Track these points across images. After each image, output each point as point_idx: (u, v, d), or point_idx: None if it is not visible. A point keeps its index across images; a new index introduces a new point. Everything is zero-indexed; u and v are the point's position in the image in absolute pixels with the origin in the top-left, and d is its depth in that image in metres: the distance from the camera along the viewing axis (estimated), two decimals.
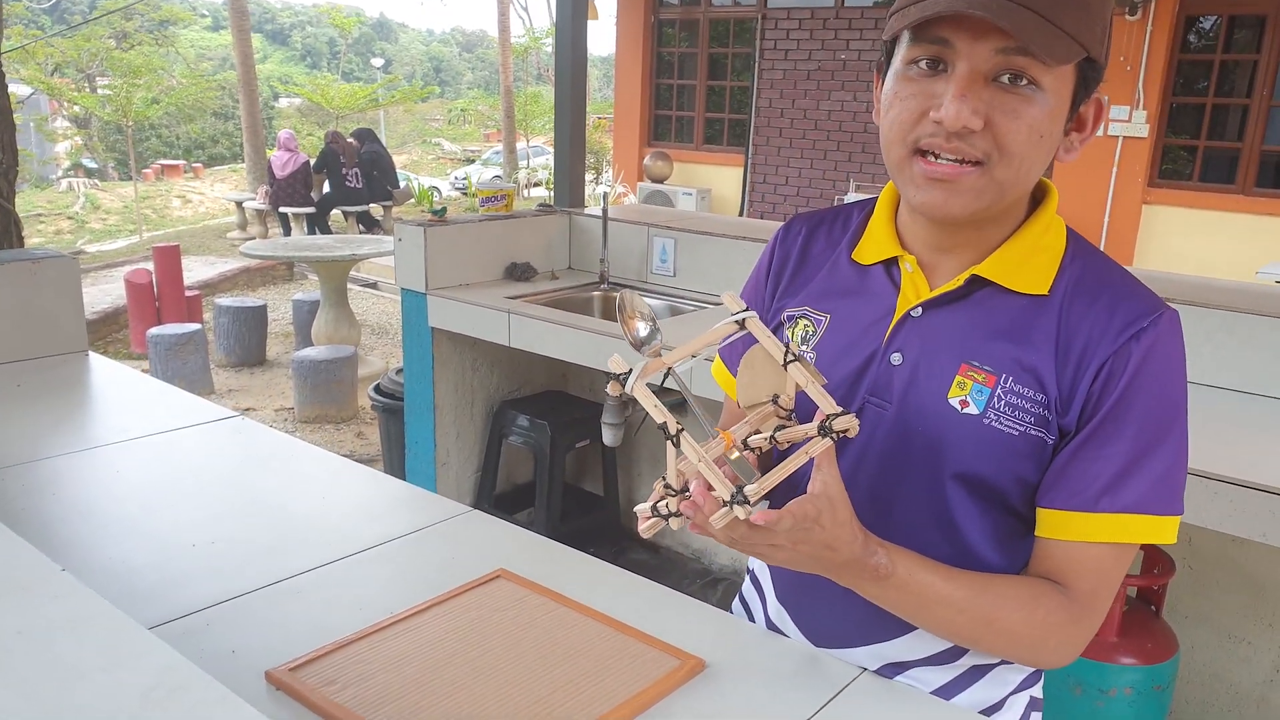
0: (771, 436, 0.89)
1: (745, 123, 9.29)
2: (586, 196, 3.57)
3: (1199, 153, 7.20)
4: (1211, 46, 7.11)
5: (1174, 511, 0.93)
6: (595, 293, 3.24)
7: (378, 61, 36.58)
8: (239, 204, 11.83)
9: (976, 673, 1.08)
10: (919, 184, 0.92)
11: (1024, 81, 0.87)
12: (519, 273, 3.19)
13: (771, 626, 1.19)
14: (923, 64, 0.90)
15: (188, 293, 6.61)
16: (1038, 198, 1.01)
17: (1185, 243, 7.19)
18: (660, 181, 9.64)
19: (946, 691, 1.08)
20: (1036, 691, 1.12)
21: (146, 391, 1.98)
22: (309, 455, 1.68)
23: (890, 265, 1.03)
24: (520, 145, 18.02)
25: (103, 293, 7.83)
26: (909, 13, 0.88)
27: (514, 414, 3.25)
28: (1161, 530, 0.93)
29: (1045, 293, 0.96)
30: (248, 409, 5.25)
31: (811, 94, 8.65)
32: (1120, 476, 0.92)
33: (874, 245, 1.05)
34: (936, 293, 0.99)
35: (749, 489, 0.81)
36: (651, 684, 1.02)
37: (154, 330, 5.34)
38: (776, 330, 1.11)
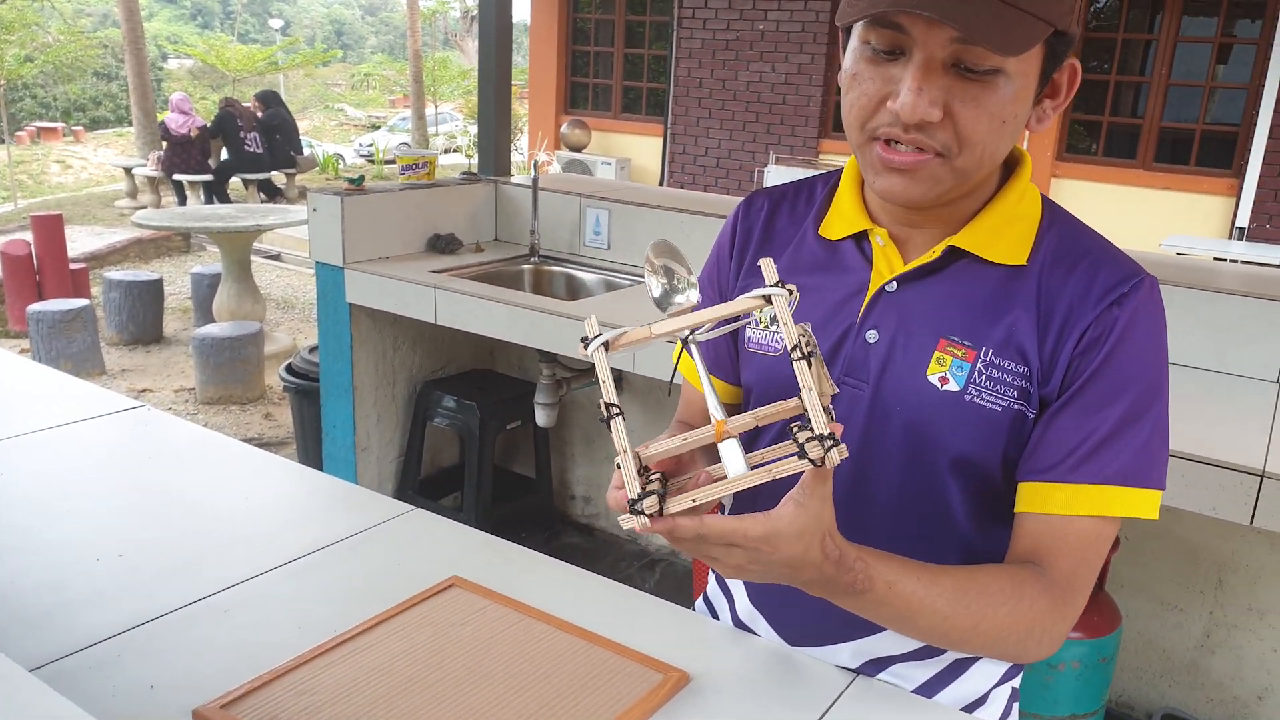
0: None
1: (664, 92, 9.17)
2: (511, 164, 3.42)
3: (1103, 129, 7.40)
4: (1113, 25, 7.29)
5: (1157, 485, 0.90)
6: (525, 266, 3.11)
7: (276, 23, 35.18)
8: (128, 170, 11.18)
9: (959, 667, 1.04)
10: (878, 170, 0.88)
11: (984, 69, 0.81)
12: (443, 245, 3.03)
13: (741, 627, 1.11)
14: (880, 50, 0.84)
15: (72, 265, 6.20)
16: (1010, 165, 0.96)
17: (1091, 216, 7.26)
18: (578, 150, 9.47)
19: (929, 689, 1.04)
20: (1017, 683, 1.09)
21: (33, 378, 1.78)
22: (227, 449, 1.53)
23: (860, 240, 0.99)
24: (429, 111, 17.54)
25: None
26: (858, 5, 0.82)
27: (439, 394, 3.10)
28: (1144, 504, 0.89)
29: (1024, 262, 0.92)
30: (144, 390, 4.95)
31: (730, 64, 8.58)
32: (1101, 446, 0.88)
33: (841, 219, 1.00)
34: (912, 266, 0.95)
35: (647, 502, 0.74)
36: (635, 702, 0.92)
37: (35, 306, 4.97)
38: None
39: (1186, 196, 7.06)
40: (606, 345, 0.79)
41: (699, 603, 1.25)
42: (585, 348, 0.79)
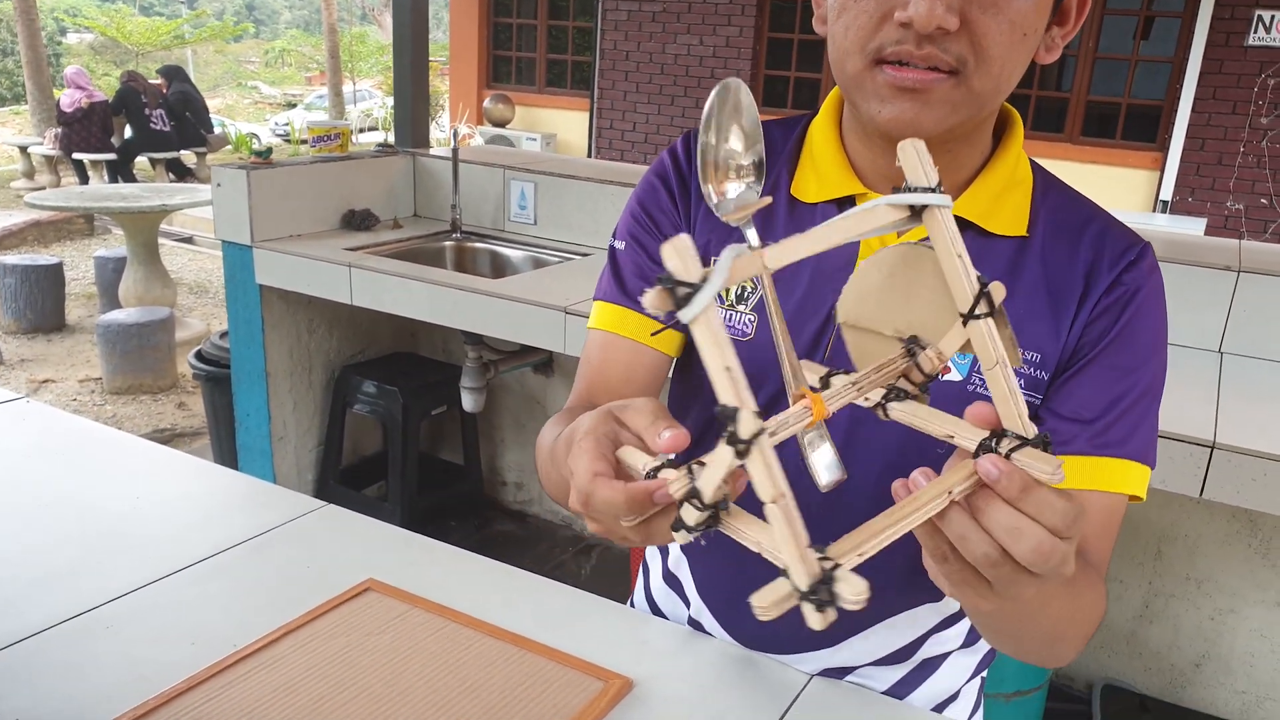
0: (881, 404, 0.59)
1: (589, 65, 9.01)
2: (430, 138, 3.27)
3: (1031, 102, 7.49)
4: None
5: (1154, 464, 0.84)
6: (447, 243, 2.97)
7: None
8: (23, 149, 10.58)
9: (929, 667, 0.96)
10: (884, 96, 0.77)
11: None
12: (358, 221, 2.88)
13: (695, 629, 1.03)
14: None
15: None
16: (1000, 128, 0.87)
17: None
18: (502, 125, 9.26)
19: (898, 690, 0.96)
20: (985, 673, 1.02)
21: None
22: (118, 444, 1.39)
23: (845, 205, 0.87)
24: (347, 88, 17.03)
25: None
26: None
27: (359, 380, 2.95)
28: (1144, 484, 0.83)
29: (1024, 234, 0.84)
30: (46, 381, 4.68)
31: (657, 37, 8.46)
32: (1125, 416, 0.81)
33: (820, 179, 0.88)
34: (907, 237, 0.83)
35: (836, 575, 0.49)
36: (574, 714, 0.83)
37: None
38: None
39: (1112, 170, 7.20)
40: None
41: (638, 598, 1.16)
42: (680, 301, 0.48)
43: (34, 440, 1.37)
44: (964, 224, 0.83)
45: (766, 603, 0.48)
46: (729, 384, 0.47)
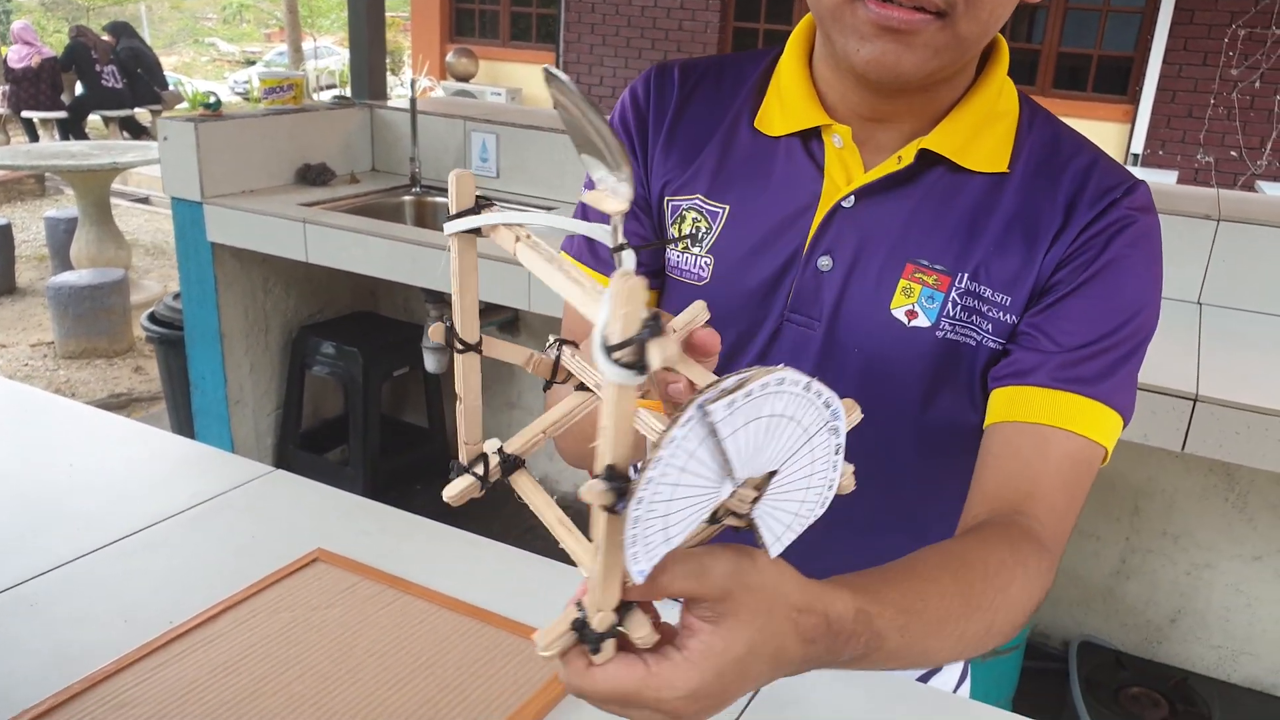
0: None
1: (555, 18, 8.81)
2: (388, 90, 3.15)
3: None
4: None
5: (1129, 418, 0.77)
6: (406, 198, 2.87)
7: None
8: None
9: None
10: (864, 34, 0.70)
11: None
12: (313, 176, 2.76)
13: None
14: None
15: None
16: (985, 54, 0.80)
17: None
18: (465, 80, 9.05)
19: None
20: None
21: None
22: (51, 410, 1.30)
23: (810, 138, 0.81)
24: (307, 45, 16.58)
25: None
26: None
27: (317, 341, 2.86)
28: (1113, 436, 0.76)
29: (1005, 169, 0.78)
30: None
31: None
32: (1095, 358, 0.74)
33: (785, 110, 0.81)
34: (875, 174, 0.78)
35: (597, 618, 0.46)
36: (536, 691, 0.78)
37: None
38: (659, 224, 0.86)
39: (1083, 124, 7.11)
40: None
41: None
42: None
43: None
44: (934, 159, 0.77)
45: (545, 641, 0.46)
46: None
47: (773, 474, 0.46)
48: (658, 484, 0.41)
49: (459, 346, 0.53)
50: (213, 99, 2.68)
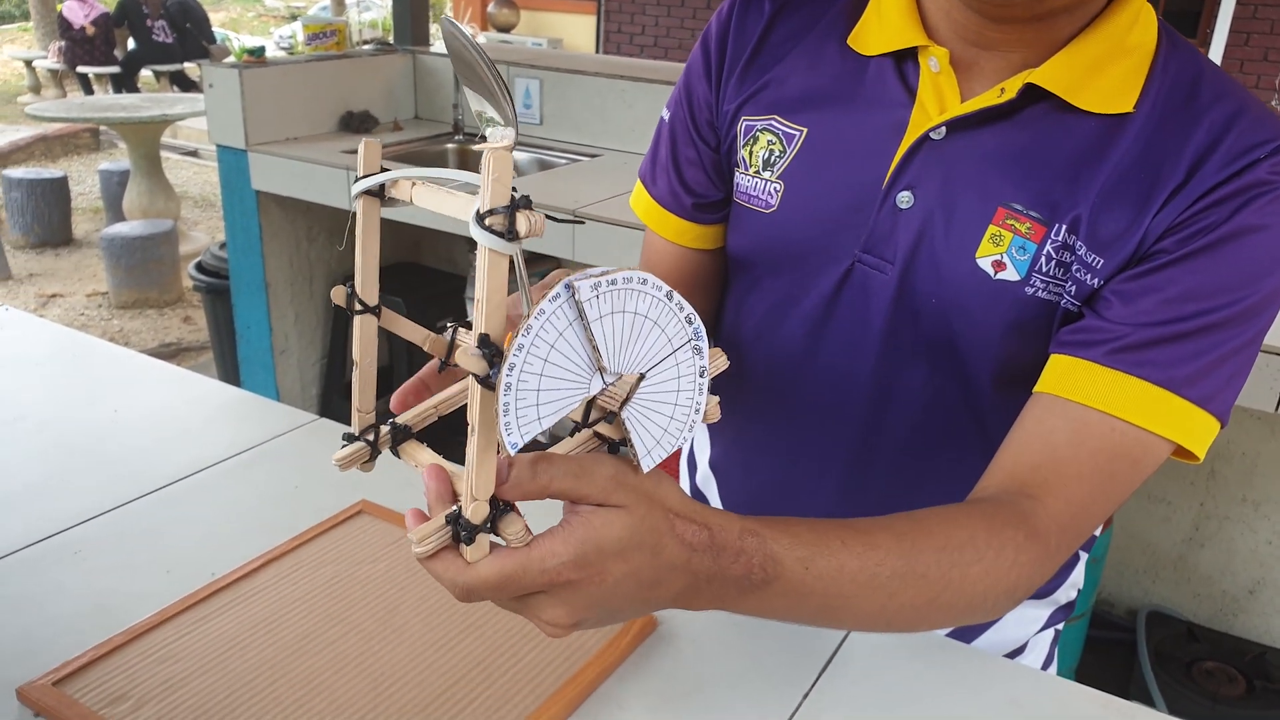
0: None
1: None
2: (430, 37, 3.09)
3: None
4: None
5: (1224, 419, 0.67)
6: (450, 145, 2.82)
7: None
8: (29, 64, 10.35)
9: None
10: None
11: None
12: (357, 123, 2.72)
13: None
14: None
15: None
16: None
17: None
18: (506, 31, 8.95)
19: (959, 636, 0.85)
20: (1060, 625, 0.91)
21: None
22: (99, 354, 1.29)
23: (904, 60, 0.72)
24: None
25: None
26: None
27: (387, 279, 2.84)
28: (1202, 436, 0.65)
29: (1129, 110, 0.67)
30: (54, 295, 4.60)
31: None
32: (1183, 340, 0.64)
33: (883, 28, 0.73)
34: (971, 106, 0.69)
35: (472, 508, 0.47)
36: (592, 657, 0.74)
37: None
38: (731, 147, 0.79)
39: None
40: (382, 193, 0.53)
41: None
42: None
43: (10, 351, 1.27)
44: (1042, 94, 0.68)
45: (420, 536, 0.48)
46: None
47: (641, 378, 0.48)
48: (528, 353, 0.44)
49: (358, 308, 0.54)
50: (257, 46, 2.64)
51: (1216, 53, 6.64)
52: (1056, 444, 0.65)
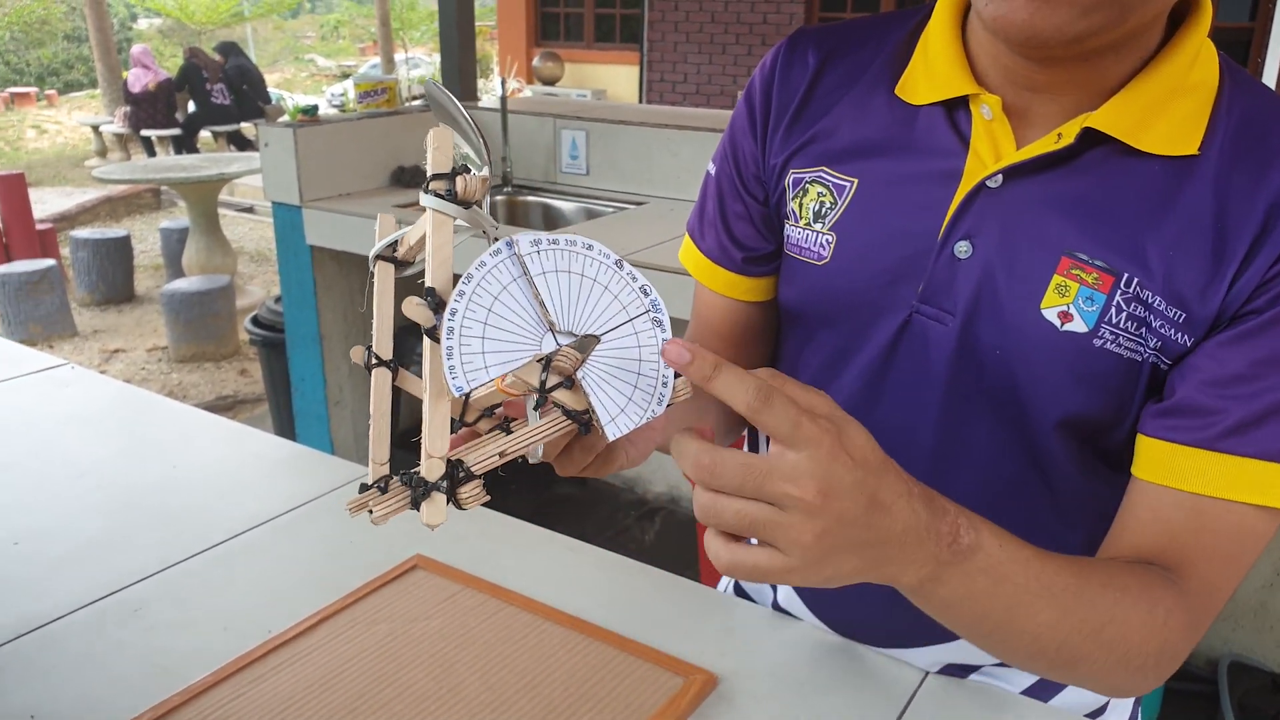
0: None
1: (638, 18, 8.78)
2: (478, 92, 3.15)
3: None
4: None
5: None
6: (498, 197, 2.86)
7: None
8: (96, 129, 10.79)
9: None
10: None
11: None
12: (407, 178, 2.77)
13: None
14: None
15: (39, 226, 5.93)
16: (1180, 12, 0.67)
17: None
18: (551, 84, 9.12)
19: (1035, 694, 0.81)
20: None
21: None
22: (157, 409, 1.31)
23: (956, 108, 0.70)
24: (399, 56, 17.00)
25: None
26: None
27: (413, 341, 2.86)
28: None
29: (1194, 152, 0.64)
30: (117, 350, 4.73)
31: None
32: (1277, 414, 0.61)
33: (930, 76, 0.71)
34: (1029, 153, 0.66)
35: (427, 464, 0.49)
36: (652, 715, 0.72)
37: (0, 269, 4.73)
38: (780, 200, 0.79)
39: None
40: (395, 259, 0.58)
41: (726, 579, 1.03)
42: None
43: (74, 408, 1.30)
44: (1101, 138, 0.65)
45: (355, 504, 0.50)
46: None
47: (596, 341, 0.49)
48: (469, 299, 0.47)
49: (374, 362, 0.56)
50: (310, 105, 2.71)
51: (1270, 78, 6.53)
52: (1175, 532, 0.63)
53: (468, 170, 0.49)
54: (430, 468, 0.48)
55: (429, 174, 0.49)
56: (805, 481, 0.47)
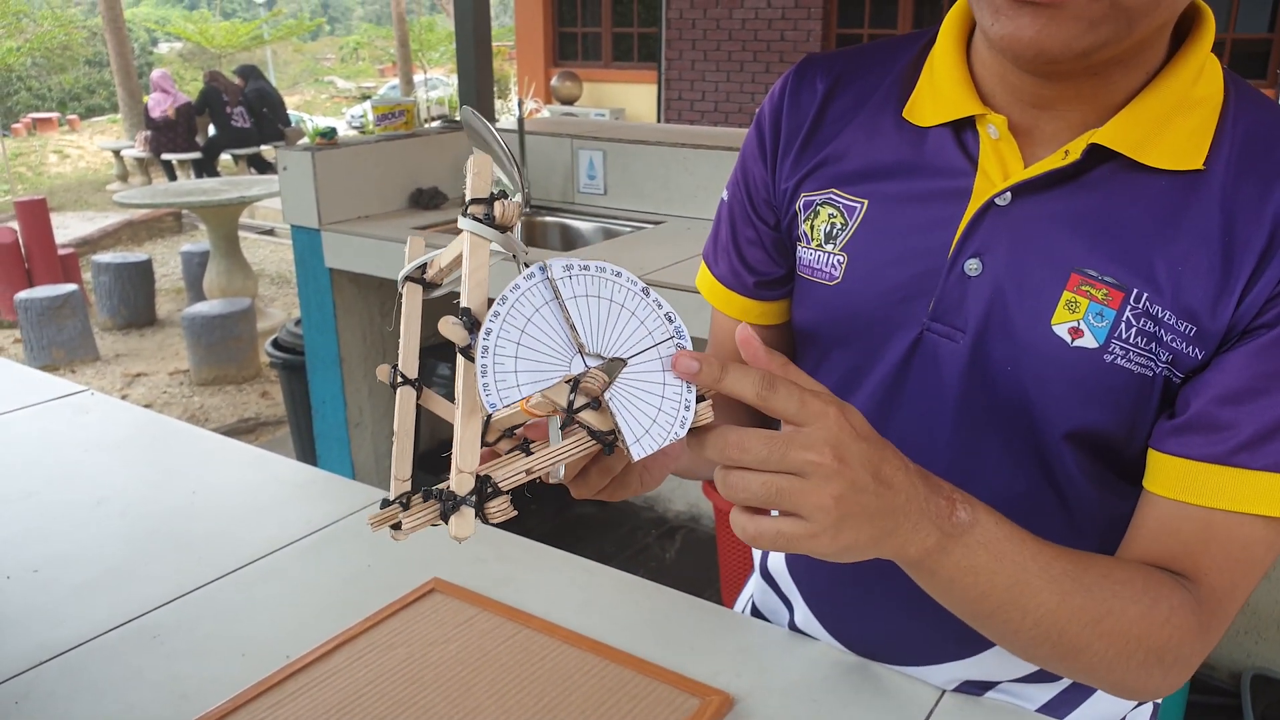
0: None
1: (656, 36, 8.84)
2: (496, 113, 3.17)
3: None
4: None
5: None
6: None
7: None
8: (117, 153, 10.94)
9: (1084, 688, 0.81)
10: (999, 6, 0.60)
11: None
12: (426, 200, 2.79)
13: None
14: None
15: (61, 251, 6.00)
16: (1183, 28, 0.67)
17: None
18: (570, 103, 9.17)
19: (1052, 711, 0.80)
20: (1160, 700, 0.85)
21: None
22: (177, 435, 1.32)
23: (963, 129, 0.71)
24: (418, 77, 17.17)
25: None
26: None
27: (433, 362, 2.88)
28: None
29: (1200, 167, 0.64)
30: (139, 374, 4.77)
31: (724, 1, 8.23)
32: None
33: (936, 98, 0.72)
34: (1036, 170, 0.67)
35: (457, 479, 0.50)
36: None
37: (23, 294, 4.79)
38: (791, 223, 0.79)
39: None
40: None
41: (742, 601, 1.03)
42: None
43: (94, 434, 1.31)
44: (1107, 154, 0.65)
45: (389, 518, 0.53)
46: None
47: (623, 363, 0.51)
48: (504, 320, 0.49)
49: (399, 380, 0.58)
50: (328, 128, 2.74)
51: None
52: (1186, 543, 0.64)
53: (505, 196, 0.51)
54: (460, 482, 0.49)
55: (467, 198, 0.51)
56: (822, 448, 0.52)
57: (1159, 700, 0.85)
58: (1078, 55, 0.60)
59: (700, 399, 0.53)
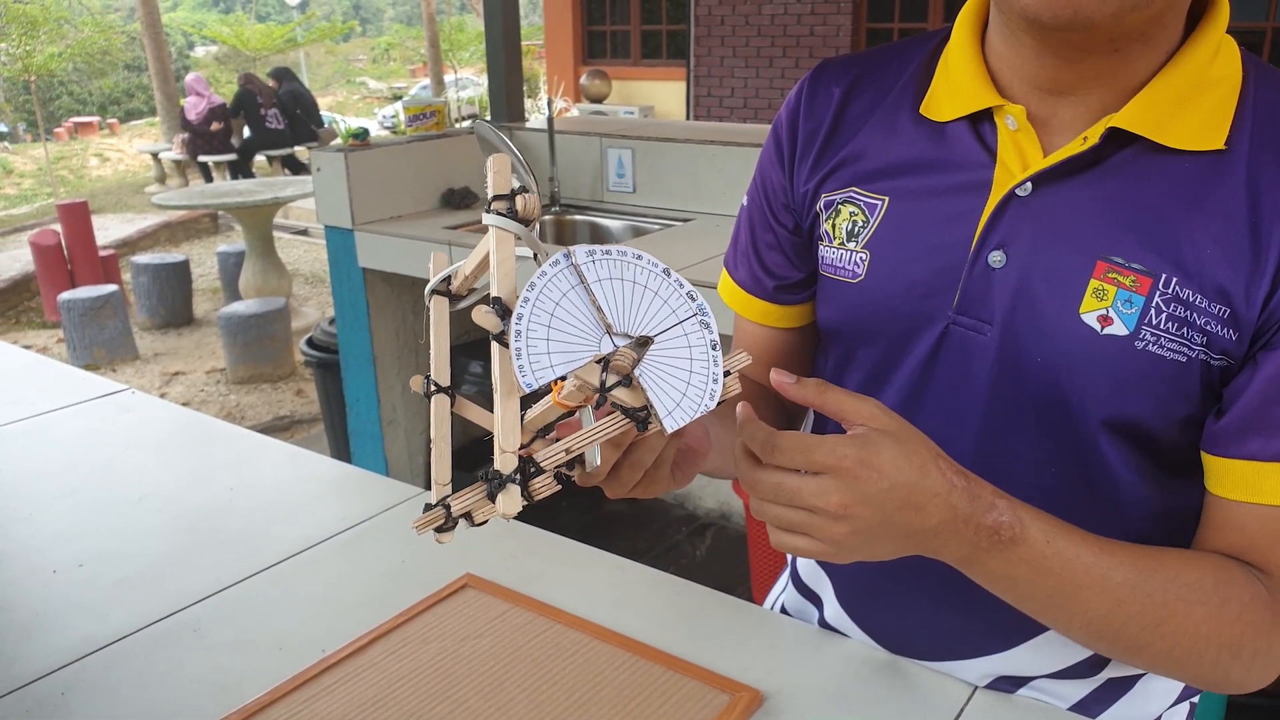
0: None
1: (684, 33, 8.82)
2: (526, 113, 3.19)
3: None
4: None
5: None
6: (546, 217, 2.88)
7: (293, 0, 34.99)
8: (155, 156, 11.12)
9: (1119, 686, 0.80)
10: None
11: None
12: (457, 199, 2.82)
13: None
14: None
15: (102, 252, 6.12)
16: (1197, 9, 0.67)
17: None
18: (599, 101, 9.18)
19: (1085, 709, 0.80)
20: (1196, 698, 0.85)
21: (8, 367, 1.60)
22: (215, 434, 1.34)
23: (980, 122, 0.71)
24: (448, 77, 17.29)
25: (11, 259, 7.26)
26: None
27: (465, 360, 2.90)
28: None
29: (1221, 146, 0.64)
30: (177, 373, 4.85)
31: None
32: None
33: (953, 92, 0.72)
34: (1056, 158, 0.67)
35: (501, 459, 0.52)
36: None
37: (65, 295, 4.89)
38: (813, 224, 0.79)
39: None
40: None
41: (773, 597, 1.03)
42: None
43: (135, 432, 1.33)
44: (1127, 138, 0.65)
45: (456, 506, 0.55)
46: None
47: (650, 341, 0.54)
48: (534, 305, 0.51)
49: (433, 389, 0.60)
50: (360, 129, 2.77)
51: None
52: (1255, 538, 0.65)
53: (525, 191, 0.54)
54: (505, 461, 0.51)
55: (490, 195, 0.53)
56: (828, 496, 0.56)
57: (1194, 699, 0.84)
58: (1112, 16, 0.59)
59: (727, 373, 0.56)
